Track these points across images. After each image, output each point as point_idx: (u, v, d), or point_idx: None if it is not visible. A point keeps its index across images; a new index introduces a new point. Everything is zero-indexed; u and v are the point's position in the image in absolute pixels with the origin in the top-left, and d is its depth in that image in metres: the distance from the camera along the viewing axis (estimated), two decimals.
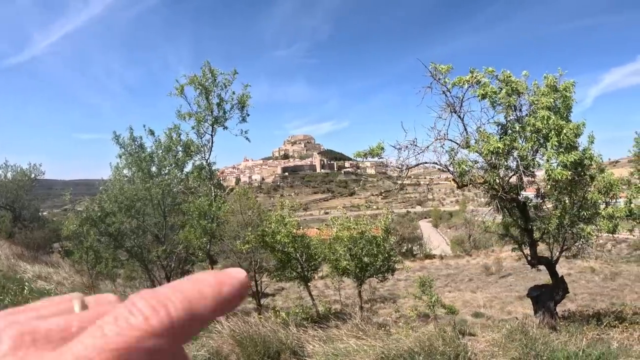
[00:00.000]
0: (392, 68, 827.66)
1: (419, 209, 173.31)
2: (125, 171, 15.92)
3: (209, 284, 0.36)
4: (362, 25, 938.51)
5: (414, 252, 46.94)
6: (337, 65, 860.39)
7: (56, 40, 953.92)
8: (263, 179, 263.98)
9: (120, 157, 15.68)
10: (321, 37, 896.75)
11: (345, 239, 13.24)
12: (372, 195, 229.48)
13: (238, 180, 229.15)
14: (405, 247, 47.01)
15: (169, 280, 15.76)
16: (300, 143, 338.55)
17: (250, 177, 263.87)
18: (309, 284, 15.47)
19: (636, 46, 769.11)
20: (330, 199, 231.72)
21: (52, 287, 13.57)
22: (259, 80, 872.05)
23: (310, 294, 15.49)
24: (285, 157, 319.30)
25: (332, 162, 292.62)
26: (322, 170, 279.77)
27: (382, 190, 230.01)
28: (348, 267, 13.49)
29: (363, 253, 13.35)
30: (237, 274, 0.39)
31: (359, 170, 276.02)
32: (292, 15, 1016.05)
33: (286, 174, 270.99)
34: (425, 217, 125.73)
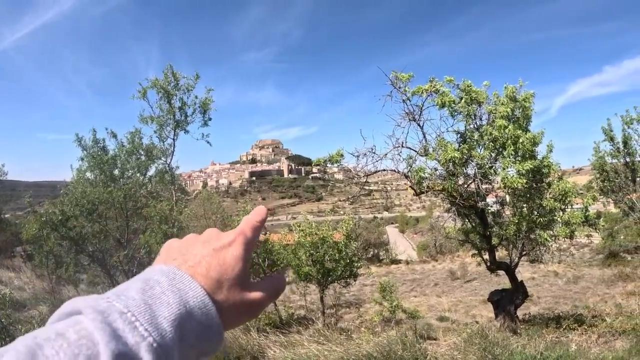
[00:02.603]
0: (362, 74, 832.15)
1: (385, 214, 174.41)
2: (87, 174, 15.61)
3: (250, 218, 0.63)
4: (333, 31, 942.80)
5: (380, 258, 47.12)
6: (307, 71, 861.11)
7: (22, 35, 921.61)
8: (230, 183, 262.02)
9: (82, 159, 15.39)
10: (292, 41, 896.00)
11: (307, 245, 13.21)
12: (340, 200, 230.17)
13: (205, 184, 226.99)
14: (372, 253, 47.19)
15: None
16: (268, 148, 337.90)
17: (217, 182, 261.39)
18: None
19: (602, 58, 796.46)
20: (298, 204, 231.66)
21: (8, 291, 13.16)
22: (228, 83, 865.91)
23: None
24: (253, 161, 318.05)
25: (300, 167, 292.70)
26: (290, 175, 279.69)
27: (349, 196, 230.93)
28: (310, 272, 13.46)
29: (325, 259, 13.34)
30: (259, 211, 0.66)
31: (326, 176, 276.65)
32: (264, 19, 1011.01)
33: (254, 178, 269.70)
34: (392, 223, 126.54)
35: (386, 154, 9.41)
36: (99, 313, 0.44)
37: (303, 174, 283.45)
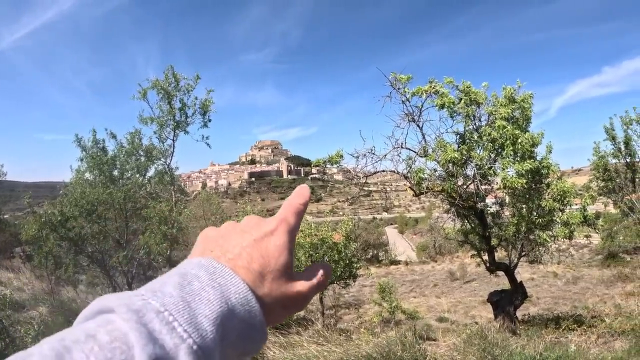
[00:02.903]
0: (362, 75, 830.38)
1: (385, 215, 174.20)
2: (87, 175, 15.60)
3: (291, 202, 0.59)
4: (333, 31, 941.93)
5: (380, 258, 47.03)
6: (307, 71, 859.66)
7: (22, 35, 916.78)
8: (229, 184, 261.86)
9: (81, 160, 15.38)
10: (291, 42, 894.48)
11: (307, 246, 13.20)
12: (339, 201, 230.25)
13: (204, 185, 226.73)
14: (371, 253, 47.12)
15: (130, 287, 15.47)
16: (267, 148, 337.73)
17: (216, 182, 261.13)
18: None
19: (601, 58, 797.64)
20: None
21: (8, 292, 13.15)
22: (228, 84, 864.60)
23: None
24: (252, 162, 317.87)
25: (299, 168, 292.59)
26: (289, 176, 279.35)
27: (349, 197, 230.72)
28: None
29: (324, 259, 13.32)
30: (301, 191, 0.61)
31: (326, 177, 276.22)
32: (263, 19, 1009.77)
33: (253, 179, 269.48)
34: (391, 224, 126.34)
35: (385, 155, 9.44)
36: (133, 312, 0.40)
37: (302, 175, 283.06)
